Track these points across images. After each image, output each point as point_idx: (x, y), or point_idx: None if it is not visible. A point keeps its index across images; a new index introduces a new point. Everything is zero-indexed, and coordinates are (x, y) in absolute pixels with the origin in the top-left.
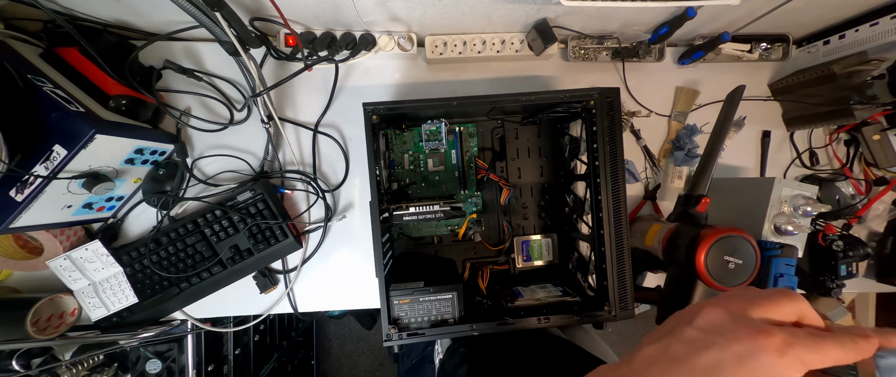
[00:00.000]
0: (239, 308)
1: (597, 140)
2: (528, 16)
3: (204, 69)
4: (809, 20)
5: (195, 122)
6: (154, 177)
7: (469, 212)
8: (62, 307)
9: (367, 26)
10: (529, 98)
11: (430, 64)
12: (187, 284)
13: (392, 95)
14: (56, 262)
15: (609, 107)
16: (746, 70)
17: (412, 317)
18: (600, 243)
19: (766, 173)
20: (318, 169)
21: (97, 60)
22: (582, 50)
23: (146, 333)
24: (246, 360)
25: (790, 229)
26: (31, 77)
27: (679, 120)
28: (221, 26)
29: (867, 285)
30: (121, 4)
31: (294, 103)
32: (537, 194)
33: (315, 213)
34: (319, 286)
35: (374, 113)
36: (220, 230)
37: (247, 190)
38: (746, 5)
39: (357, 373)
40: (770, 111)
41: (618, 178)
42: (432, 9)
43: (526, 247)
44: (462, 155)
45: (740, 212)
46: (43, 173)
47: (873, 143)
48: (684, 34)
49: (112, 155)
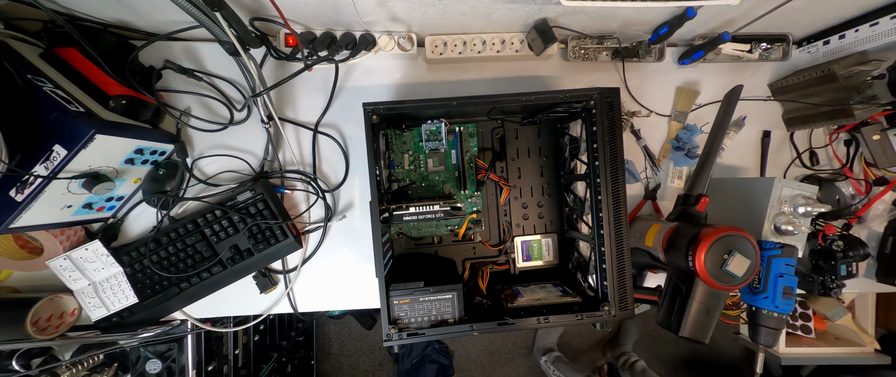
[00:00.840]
0: (239, 308)
1: (597, 140)
2: (528, 16)
3: (204, 69)
4: (809, 20)
5: (195, 122)
6: (154, 177)
7: (469, 212)
8: (62, 307)
9: (367, 26)
10: (529, 98)
11: (430, 64)
12: (187, 284)
13: (392, 95)
14: (56, 262)
15: (609, 107)
16: (746, 70)
17: (412, 317)
18: (600, 243)
19: (766, 173)
20: (318, 169)
21: (97, 60)
22: (582, 50)
23: (146, 333)
24: (246, 360)
25: (790, 229)
26: (32, 77)
27: (679, 120)
28: (221, 26)
29: (867, 285)
30: (121, 4)
31: (294, 103)
32: (537, 194)
33: (315, 213)
34: (319, 286)
35: (374, 113)
36: (220, 230)
37: (247, 190)
38: (746, 5)
39: (357, 373)
40: (770, 111)
41: (618, 178)
42: (432, 9)
43: (526, 247)
44: (462, 155)
45: (740, 212)
46: (43, 173)
47: (873, 143)
48: (684, 34)
49: (112, 155)
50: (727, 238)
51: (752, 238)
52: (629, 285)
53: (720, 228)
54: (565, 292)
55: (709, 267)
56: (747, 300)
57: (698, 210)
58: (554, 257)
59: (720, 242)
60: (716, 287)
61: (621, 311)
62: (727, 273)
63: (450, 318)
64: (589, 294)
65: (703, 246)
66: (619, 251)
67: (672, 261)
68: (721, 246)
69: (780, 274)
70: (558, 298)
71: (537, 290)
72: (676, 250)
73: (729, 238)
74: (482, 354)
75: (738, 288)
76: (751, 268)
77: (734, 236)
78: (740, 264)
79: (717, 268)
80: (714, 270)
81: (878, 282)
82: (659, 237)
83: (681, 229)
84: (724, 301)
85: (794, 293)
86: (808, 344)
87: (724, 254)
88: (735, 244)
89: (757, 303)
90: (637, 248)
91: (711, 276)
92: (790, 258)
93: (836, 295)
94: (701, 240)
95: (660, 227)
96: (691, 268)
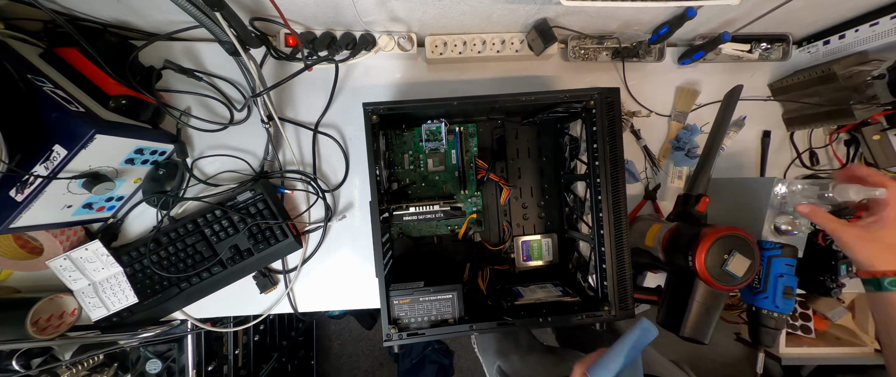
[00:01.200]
0: (239, 308)
1: (597, 140)
2: (528, 16)
3: (204, 69)
4: (809, 20)
5: (195, 122)
6: (154, 177)
7: (469, 212)
8: (62, 307)
9: (367, 26)
10: (529, 98)
11: (430, 64)
12: (187, 284)
13: (392, 95)
14: (56, 262)
15: (609, 107)
16: (746, 70)
17: (412, 317)
18: (600, 243)
19: (766, 173)
20: (318, 169)
21: (97, 60)
22: (582, 50)
23: (146, 333)
24: (246, 360)
25: (790, 229)
26: (32, 77)
27: (679, 120)
28: (221, 26)
29: None
30: (121, 4)
31: (294, 103)
32: (537, 194)
33: (315, 213)
34: (319, 286)
35: (374, 113)
36: (220, 230)
37: (247, 190)
38: (746, 5)
39: (357, 373)
40: (770, 111)
41: (618, 178)
42: (432, 8)
43: (526, 247)
44: (462, 155)
45: (740, 213)
46: (43, 173)
47: (873, 143)
48: (684, 34)
49: (112, 155)
50: (727, 238)
51: (751, 238)
52: (629, 285)
53: (720, 228)
54: (565, 292)
55: (709, 267)
56: (747, 300)
57: (698, 210)
58: (554, 257)
59: (720, 242)
60: (716, 287)
61: (621, 311)
62: (727, 273)
63: (450, 318)
64: (589, 294)
65: (703, 246)
66: (619, 251)
67: (672, 262)
68: (721, 246)
69: (780, 274)
70: (558, 298)
71: (537, 290)
72: (677, 250)
73: (729, 238)
74: None
75: (738, 288)
76: (751, 269)
77: (734, 236)
78: (740, 264)
79: (718, 268)
80: (714, 270)
81: None
82: (659, 237)
83: (681, 229)
84: (724, 300)
85: (794, 293)
86: (808, 344)
87: (724, 255)
88: (735, 244)
89: (757, 303)
90: (637, 248)
91: (712, 276)
92: (790, 258)
93: (836, 295)
94: (701, 241)
95: (660, 228)
96: (691, 268)
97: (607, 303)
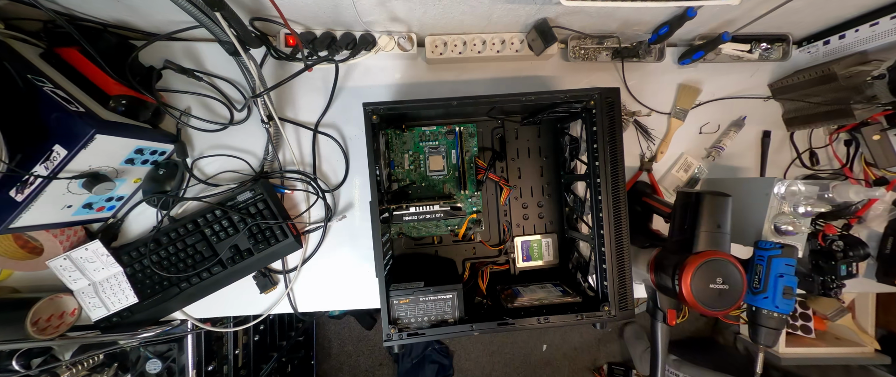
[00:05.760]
0: (239, 308)
1: (597, 140)
2: (528, 16)
3: (204, 69)
4: (809, 20)
5: (195, 122)
6: (154, 177)
7: (469, 213)
8: (62, 307)
9: (367, 26)
10: (529, 98)
11: (430, 64)
12: (187, 284)
13: (392, 95)
14: (56, 262)
15: (609, 107)
16: (746, 70)
17: (412, 317)
18: (600, 243)
19: (766, 173)
20: (318, 169)
21: (97, 60)
22: (582, 50)
23: (146, 333)
24: (246, 360)
25: (790, 229)
26: (32, 77)
27: (680, 117)
28: (221, 26)
29: (867, 285)
30: (121, 4)
31: (294, 103)
32: (537, 194)
33: (315, 213)
34: (319, 286)
35: (374, 113)
36: (220, 230)
37: (247, 190)
38: (746, 5)
39: (357, 373)
40: (770, 111)
41: (618, 178)
42: (432, 8)
43: (526, 247)
44: (462, 155)
45: (740, 212)
46: (43, 173)
47: (873, 143)
48: (684, 34)
49: (112, 155)
50: (711, 262)
51: (736, 260)
52: (629, 285)
53: (704, 253)
54: (565, 292)
55: (695, 292)
56: (747, 300)
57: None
58: (554, 257)
59: (705, 267)
60: (704, 312)
61: (621, 311)
62: (714, 296)
63: (450, 318)
64: (589, 294)
65: (688, 272)
66: (619, 251)
67: (661, 288)
68: (706, 271)
69: (780, 274)
70: (558, 298)
71: (537, 290)
72: (663, 272)
73: (713, 262)
74: (482, 354)
75: (726, 313)
76: (737, 291)
77: (718, 260)
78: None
79: (703, 292)
80: (700, 295)
81: (878, 282)
82: (646, 261)
83: (664, 256)
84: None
85: (794, 293)
86: (808, 344)
87: (709, 283)
88: (719, 268)
89: (757, 303)
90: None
91: (699, 301)
92: (790, 258)
93: (836, 295)
94: (685, 267)
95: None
96: (678, 292)
97: (607, 303)
